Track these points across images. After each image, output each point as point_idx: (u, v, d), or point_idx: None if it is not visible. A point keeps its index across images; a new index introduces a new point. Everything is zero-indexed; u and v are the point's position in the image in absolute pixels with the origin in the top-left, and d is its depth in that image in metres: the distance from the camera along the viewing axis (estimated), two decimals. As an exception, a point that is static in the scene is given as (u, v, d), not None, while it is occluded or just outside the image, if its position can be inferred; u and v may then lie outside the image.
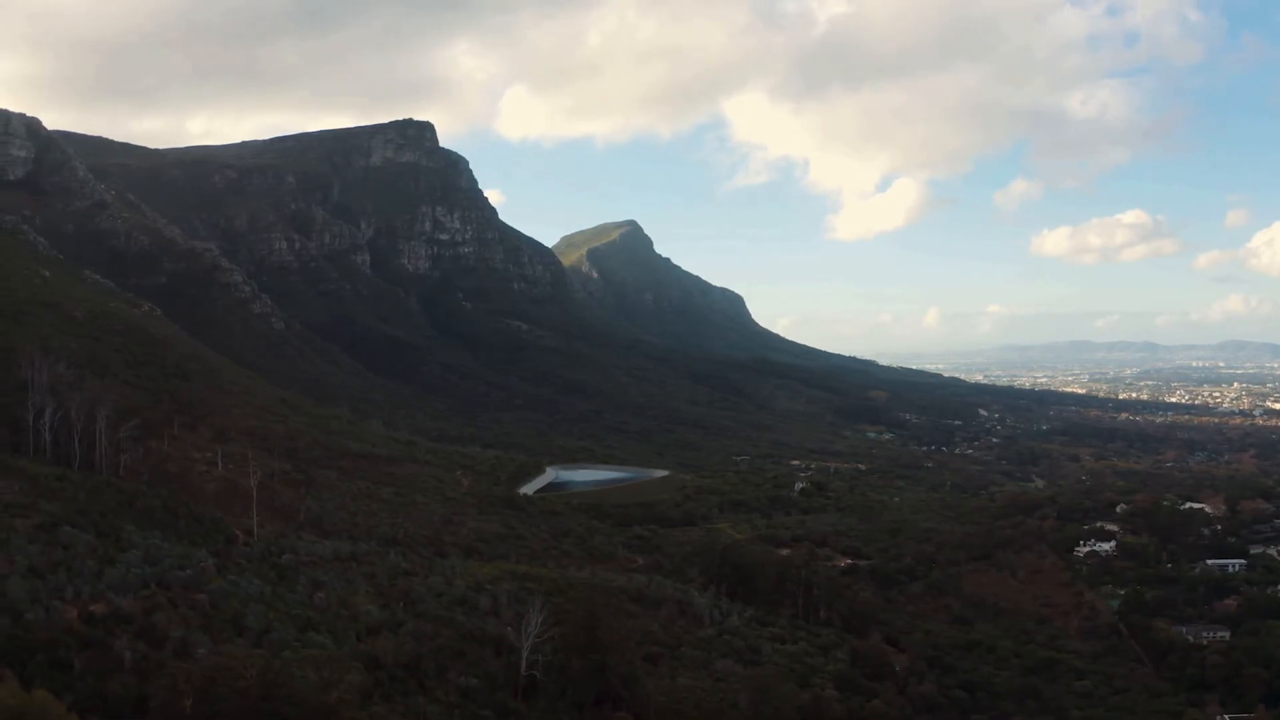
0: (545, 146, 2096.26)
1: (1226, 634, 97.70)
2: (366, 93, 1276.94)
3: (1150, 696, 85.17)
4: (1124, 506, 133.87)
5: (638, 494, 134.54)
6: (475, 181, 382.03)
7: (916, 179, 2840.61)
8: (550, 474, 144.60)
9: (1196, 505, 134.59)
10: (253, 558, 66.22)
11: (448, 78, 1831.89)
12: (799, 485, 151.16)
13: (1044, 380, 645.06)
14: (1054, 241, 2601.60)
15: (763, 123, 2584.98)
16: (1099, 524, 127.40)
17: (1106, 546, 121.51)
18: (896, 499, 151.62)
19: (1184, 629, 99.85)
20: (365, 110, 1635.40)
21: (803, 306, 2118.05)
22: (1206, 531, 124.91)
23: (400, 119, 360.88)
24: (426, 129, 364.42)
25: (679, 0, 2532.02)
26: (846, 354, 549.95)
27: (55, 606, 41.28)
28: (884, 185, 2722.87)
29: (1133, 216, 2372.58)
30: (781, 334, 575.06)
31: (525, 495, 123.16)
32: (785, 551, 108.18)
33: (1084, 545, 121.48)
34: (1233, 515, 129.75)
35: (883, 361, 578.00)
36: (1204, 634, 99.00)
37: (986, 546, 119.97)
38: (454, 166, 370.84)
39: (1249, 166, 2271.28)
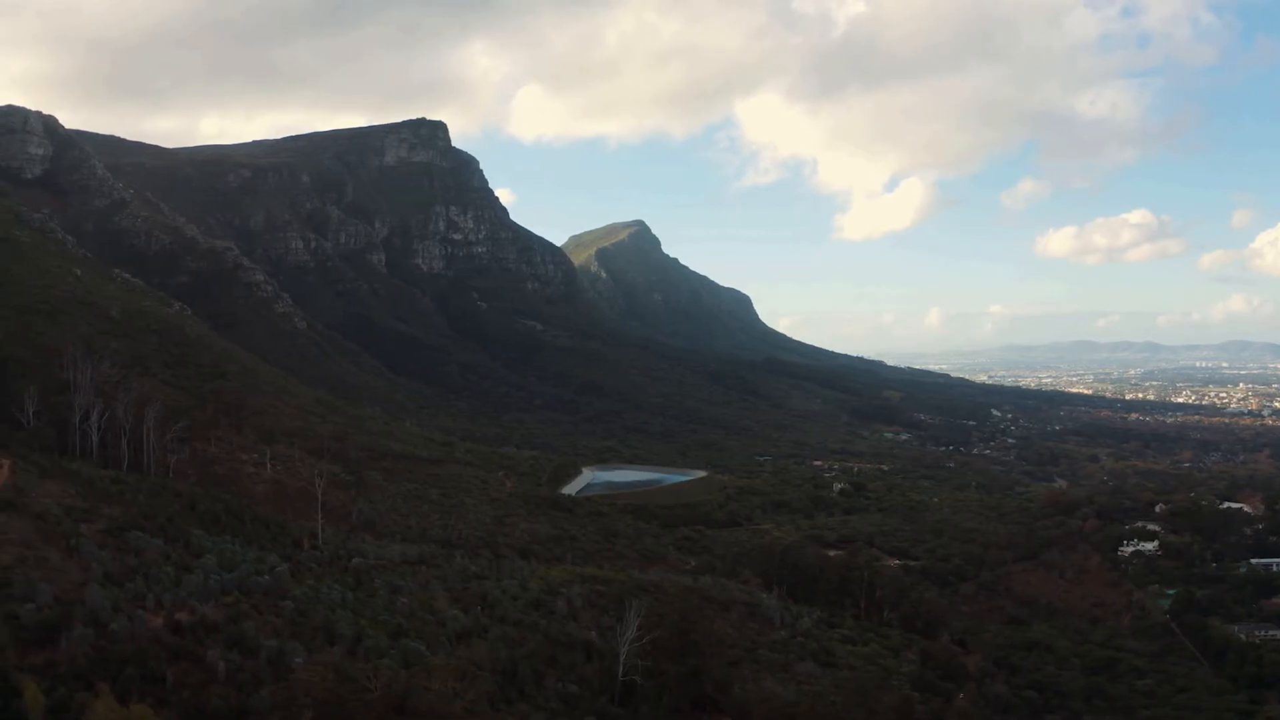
0: (557, 146, 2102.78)
1: (1278, 632, 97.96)
2: (378, 92, 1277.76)
3: (1213, 695, 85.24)
4: (1163, 506, 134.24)
5: (680, 495, 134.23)
6: (486, 181, 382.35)
7: (925, 179, 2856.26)
8: (587, 475, 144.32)
9: (1235, 505, 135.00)
10: (323, 562, 65.40)
11: (463, 77, 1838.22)
12: (838, 486, 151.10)
13: (1048, 380, 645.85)
14: (1059, 241, 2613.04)
15: (772, 122, 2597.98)
16: (1140, 524, 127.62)
17: (1150, 546, 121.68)
18: (935, 499, 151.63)
19: (1235, 627, 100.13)
20: (376, 110, 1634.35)
21: (805, 306, 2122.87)
22: (1248, 531, 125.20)
23: (414, 118, 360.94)
24: (440, 128, 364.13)
25: (698, 2, 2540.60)
26: (852, 354, 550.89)
27: (140, 616, 40.25)
28: (892, 185, 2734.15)
29: (1138, 216, 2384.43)
30: (785, 334, 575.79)
31: (570, 496, 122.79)
32: (833, 553, 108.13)
33: (1128, 545, 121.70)
34: (1272, 514, 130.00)
35: (888, 362, 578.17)
36: (1256, 632, 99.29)
37: (1031, 546, 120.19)
38: (466, 166, 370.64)
39: (1256, 166, 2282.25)
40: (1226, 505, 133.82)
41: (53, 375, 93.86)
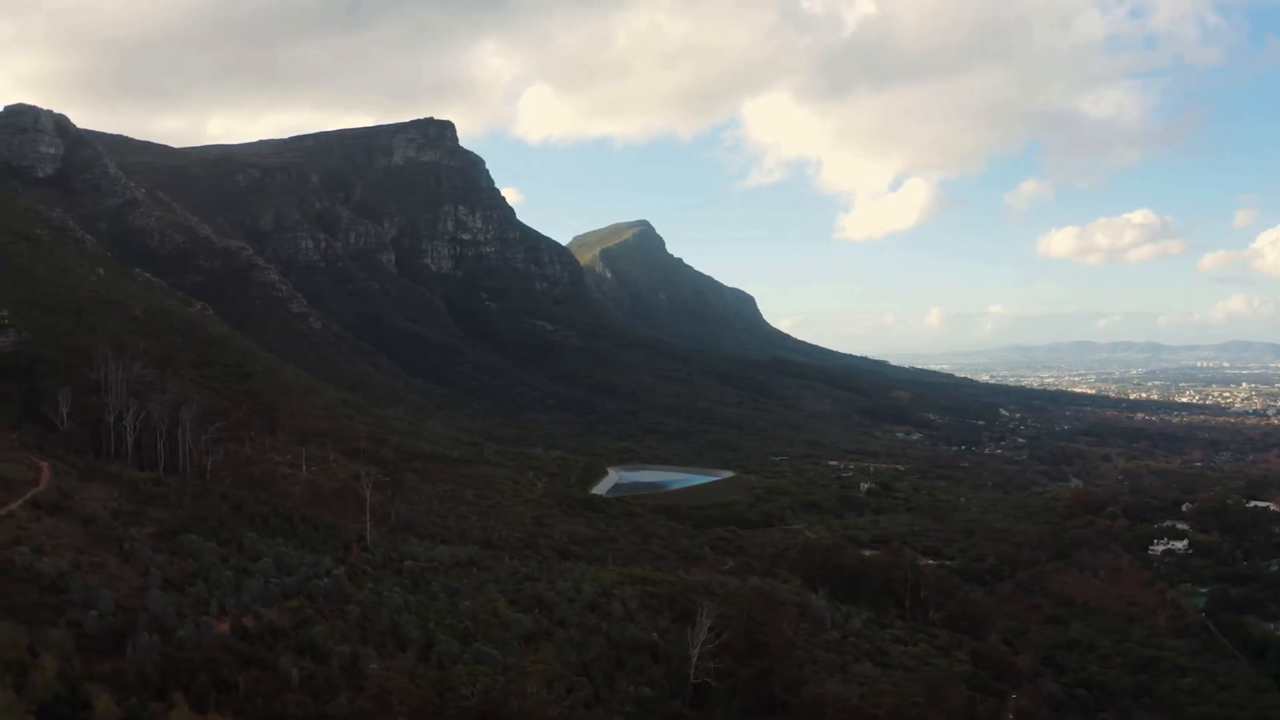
0: (562, 147, 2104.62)
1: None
2: (386, 93, 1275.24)
3: (1256, 693, 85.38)
4: (1189, 506, 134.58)
5: (710, 495, 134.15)
6: (493, 181, 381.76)
7: (929, 180, 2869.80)
8: (614, 475, 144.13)
9: (1262, 504, 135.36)
10: (376, 564, 64.74)
11: (471, 78, 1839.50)
12: (865, 485, 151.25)
13: (1050, 380, 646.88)
14: (1060, 241, 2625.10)
15: (778, 122, 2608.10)
16: (1169, 523, 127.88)
17: (1180, 545, 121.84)
18: (962, 499, 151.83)
19: (1272, 625, 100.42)
20: (383, 111, 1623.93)
21: (806, 306, 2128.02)
22: (1277, 529, 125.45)
23: (421, 118, 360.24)
24: (447, 128, 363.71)
25: (708, 2, 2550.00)
26: (852, 354, 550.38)
27: (206, 622, 39.49)
28: (896, 185, 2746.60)
29: (1140, 216, 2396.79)
30: (788, 334, 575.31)
31: (602, 497, 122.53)
32: (868, 553, 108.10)
33: (1158, 544, 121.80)
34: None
35: (892, 362, 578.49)
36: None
37: (1063, 546, 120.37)
38: (474, 166, 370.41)
39: (1261, 167, 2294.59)
40: (1253, 504, 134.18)
41: (83, 375, 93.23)
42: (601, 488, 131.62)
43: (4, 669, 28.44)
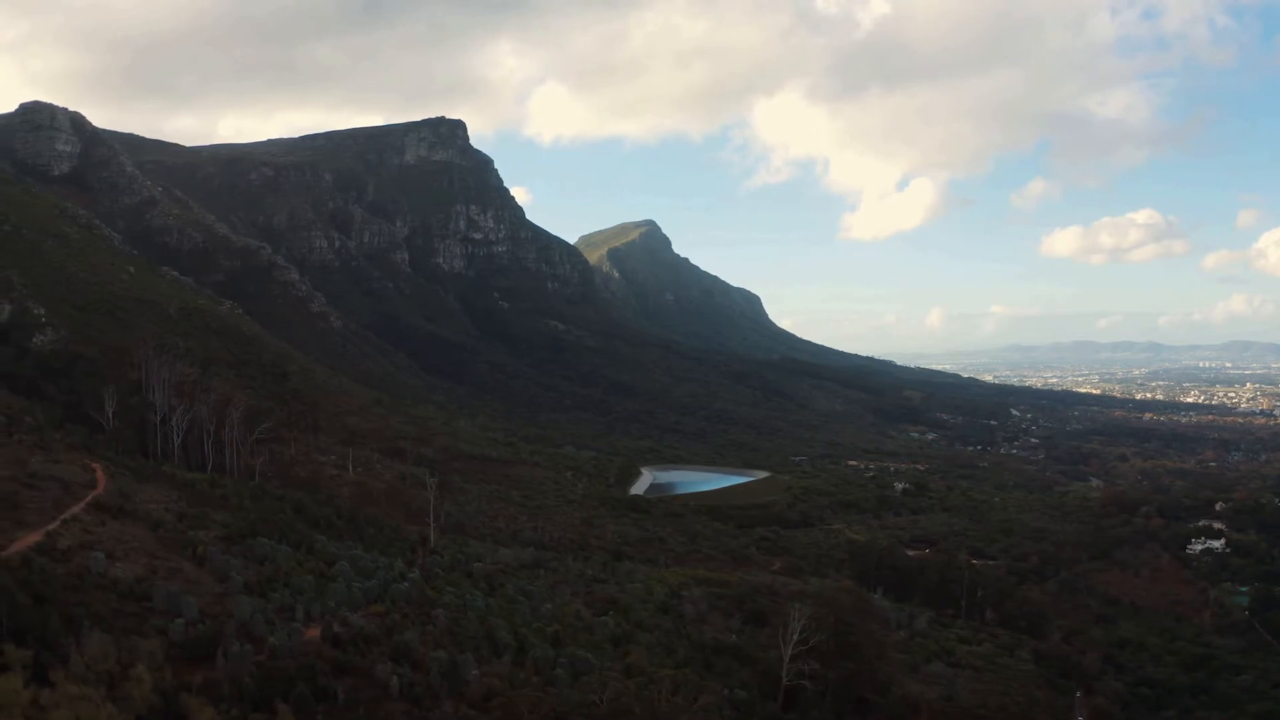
0: (572, 148, 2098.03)
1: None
2: (398, 91, 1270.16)
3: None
4: (1223, 505, 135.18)
5: (748, 496, 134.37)
6: (502, 181, 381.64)
7: (936, 180, 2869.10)
8: (648, 476, 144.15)
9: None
10: (445, 567, 64.20)
11: (485, 77, 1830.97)
12: (900, 485, 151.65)
13: (1053, 380, 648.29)
14: (1064, 241, 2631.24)
15: (786, 122, 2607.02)
16: (1205, 522, 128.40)
17: (1218, 544, 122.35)
18: (997, 499, 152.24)
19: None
20: (395, 110, 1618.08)
21: (808, 306, 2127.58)
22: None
23: (433, 117, 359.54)
24: (459, 127, 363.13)
25: (724, 3, 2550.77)
26: (859, 354, 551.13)
27: (295, 629, 38.23)
28: (903, 185, 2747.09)
29: (1145, 216, 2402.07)
30: (792, 333, 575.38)
31: (644, 497, 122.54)
32: (911, 552, 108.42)
33: (1196, 543, 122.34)
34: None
35: (897, 362, 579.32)
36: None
37: (1102, 545, 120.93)
38: (485, 165, 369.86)
39: (1266, 167, 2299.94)
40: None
41: (124, 375, 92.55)
42: (639, 488, 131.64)
43: (97, 680, 27.42)
